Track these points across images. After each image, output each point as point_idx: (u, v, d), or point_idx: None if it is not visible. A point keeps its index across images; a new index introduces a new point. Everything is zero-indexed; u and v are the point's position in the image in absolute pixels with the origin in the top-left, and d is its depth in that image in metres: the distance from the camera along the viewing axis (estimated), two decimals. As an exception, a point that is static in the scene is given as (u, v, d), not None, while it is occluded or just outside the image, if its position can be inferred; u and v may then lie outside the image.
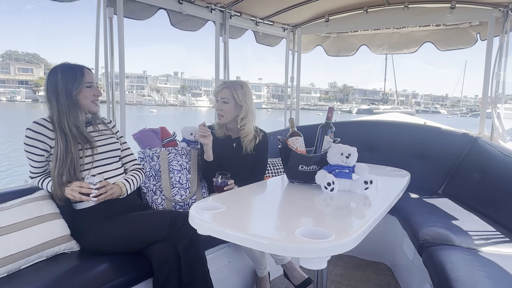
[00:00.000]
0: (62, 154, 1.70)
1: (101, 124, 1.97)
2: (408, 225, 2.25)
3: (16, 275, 1.53)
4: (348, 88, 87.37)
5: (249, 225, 1.32)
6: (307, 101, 75.81)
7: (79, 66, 1.82)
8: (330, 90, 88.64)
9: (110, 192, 1.75)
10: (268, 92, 76.90)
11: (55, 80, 1.74)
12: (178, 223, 1.68)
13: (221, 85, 2.29)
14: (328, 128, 1.84)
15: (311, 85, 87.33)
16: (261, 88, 75.76)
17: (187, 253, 1.67)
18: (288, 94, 4.13)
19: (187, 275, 1.67)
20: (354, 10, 3.42)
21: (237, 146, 2.34)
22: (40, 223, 1.67)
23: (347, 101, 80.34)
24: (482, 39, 3.13)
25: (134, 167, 2.05)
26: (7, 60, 64.17)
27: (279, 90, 75.13)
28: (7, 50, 67.81)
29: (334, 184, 1.60)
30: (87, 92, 1.80)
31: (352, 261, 2.83)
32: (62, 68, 1.78)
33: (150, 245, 1.69)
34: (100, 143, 1.87)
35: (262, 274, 2.30)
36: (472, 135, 2.99)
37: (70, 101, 1.75)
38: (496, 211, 2.25)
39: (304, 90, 77.28)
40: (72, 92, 1.75)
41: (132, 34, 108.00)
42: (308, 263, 1.09)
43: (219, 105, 2.26)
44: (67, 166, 1.70)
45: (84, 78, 1.78)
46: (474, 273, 1.55)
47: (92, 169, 1.80)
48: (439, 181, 2.99)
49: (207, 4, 2.92)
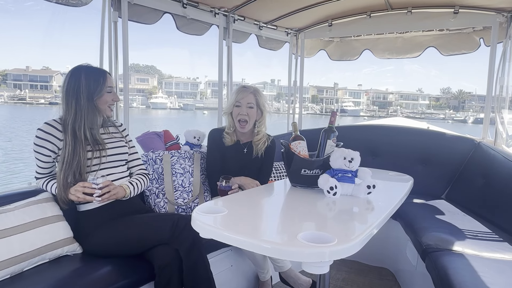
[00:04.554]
0: (69, 157, 1.71)
1: (112, 127, 1.98)
2: (411, 230, 2.24)
3: (18, 277, 1.54)
4: (464, 94, 76.40)
5: (251, 229, 1.32)
6: (413, 108, 69.44)
7: (103, 71, 1.86)
8: (442, 96, 79.60)
9: (113, 192, 1.75)
10: (368, 99, 73.02)
11: (78, 82, 1.74)
12: (180, 226, 1.68)
13: (245, 90, 2.23)
14: (331, 132, 1.84)
15: (418, 91, 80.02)
16: (360, 94, 72.77)
17: (189, 256, 1.67)
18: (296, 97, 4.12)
19: (189, 279, 1.66)
20: (357, 14, 3.43)
21: (248, 151, 2.33)
22: (43, 225, 1.67)
23: (462, 109, 70.72)
24: (487, 45, 3.12)
25: (139, 172, 2.05)
26: (130, 71, 71.41)
27: (380, 96, 72.12)
28: (131, 63, 76.66)
29: (337, 188, 1.60)
30: (107, 97, 1.82)
31: (355, 266, 2.81)
32: (86, 70, 1.79)
33: (152, 248, 1.69)
34: (109, 146, 1.87)
35: (264, 278, 2.29)
36: (476, 140, 2.98)
37: (90, 105, 1.75)
38: (500, 217, 2.24)
39: (410, 97, 73.19)
40: (94, 96, 1.76)
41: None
42: (310, 268, 1.09)
43: (244, 110, 2.20)
44: (73, 169, 1.71)
45: (106, 83, 1.80)
46: (477, 279, 1.54)
47: (98, 171, 1.80)
48: (443, 186, 2.97)
49: (211, 8, 2.94)
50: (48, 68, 69.98)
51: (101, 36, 2.27)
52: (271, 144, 2.35)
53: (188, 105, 58.57)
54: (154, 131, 2.54)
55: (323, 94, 73.45)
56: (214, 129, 2.41)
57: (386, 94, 74.63)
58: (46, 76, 61.95)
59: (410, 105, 70.96)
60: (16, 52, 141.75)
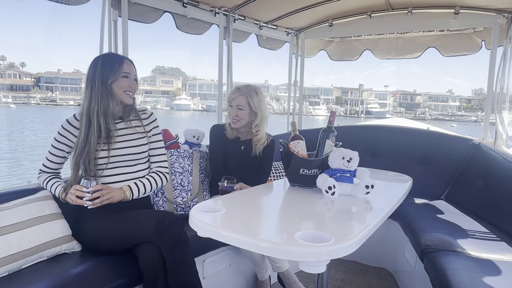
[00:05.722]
0: (82, 143, 1.71)
1: (136, 121, 1.90)
2: (410, 230, 2.24)
3: (17, 275, 1.54)
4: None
5: (249, 228, 1.32)
6: (443, 110, 66.86)
7: (120, 57, 1.87)
8: (474, 98, 75.76)
9: (107, 197, 1.70)
10: (395, 101, 70.86)
11: (95, 68, 1.75)
12: (164, 224, 1.62)
13: (236, 91, 2.25)
14: (330, 132, 1.83)
15: (448, 92, 77.18)
16: (386, 96, 70.70)
17: (171, 256, 1.61)
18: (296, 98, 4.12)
19: (172, 278, 1.62)
20: (358, 14, 3.43)
21: (245, 148, 2.35)
22: (41, 223, 1.67)
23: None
24: (488, 48, 3.12)
25: (157, 169, 1.96)
26: (155, 74, 79.51)
27: (407, 98, 69.48)
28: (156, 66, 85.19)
29: (335, 188, 1.60)
30: (122, 82, 1.78)
31: (353, 266, 2.81)
32: (104, 57, 1.81)
33: (138, 245, 1.66)
34: (121, 144, 1.81)
35: (262, 278, 2.29)
36: (476, 141, 2.98)
37: (105, 89, 1.74)
38: (499, 218, 2.24)
39: (439, 98, 70.20)
40: (108, 80, 1.74)
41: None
42: (307, 267, 1.09)
43: (234, 111, 2.23)
44: (83, 157, 1.70)
45: (122, 68, 1.78)
46: (476, 280, 1.54)
47: (107, 169, 1.78)
48: (442, 187, 2.97)
49: (211, 8, 2.94)
50: (79, 71, 72.46)
51: (101, 35, 2.26)
52: (270, 143, 2.36)
53: (211, 107, 58.64)
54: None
55: (348, 95, 71.73)
56: (215, 124, 2.43)
57: (414, 95, 72.22)
58: (76, 79, 63.83)
59: (439, 107, 68.17)
60: (49, 55, 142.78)
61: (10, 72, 67.49)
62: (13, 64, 76.48)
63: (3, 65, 76.22)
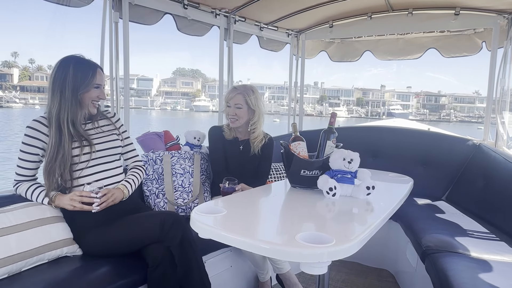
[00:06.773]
0: (54, 149, 1.66)
1: (103, 120, 1.92)
2: (411, 231, 2.23)
3: (16, 277, 1.53)
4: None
5: (250, 229, 1.32)
6: (469, 112, 64.94)
7: (94, 65, 1.78)
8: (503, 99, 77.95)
9: (112, 199, 1.73)
10: (418, 102, 69.22)
11: (66, 73, 1.68)
12: (168, 223, 1.66)
13: (233, 91, 2.30)
14: (331, 133, 1.84)
15: (475, 93, 73.70)
16: (409, 97, 68.98)
17: (180, 251, 1.66)
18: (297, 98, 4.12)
19: (182, 272, 1.67)
20: (358, 16, 3.43)
21: (244, 148, 2.36)
22: (41, 225, 1.66)
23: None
24: (488, 49, 3.12)
25: (134, 164, 2.02)
26: (176, 75, 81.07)
27: (432, 99, 67.63)
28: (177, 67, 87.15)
29: (336, 189, 1.60)
30: (93, 93, 1.76)
31: (354, 267, 2.81)
32: (76, 61, 1.73)
33: (146, 246, 1.68)
34: (98, 141, 1.81)
35: (263, 279, 2.29)
36: (476, 142, 2.98)
37: (74, 97, 1.70)
38: (500, 218, 2.23)
39: (465, 100, 68.56)
40: (79, 90, 1.71)
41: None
42: (308, 268, 1.09)
43: (232, 111, 2.27)
44: (58, 162, 1.65)
45: (94, 79, 1.75)
46: (477, 281, 1.53)
47: (86, 168, 1.76)
48: (443, 188, 2.97)
49: (212, 9, 2.94)
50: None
51: (102, 37, 2.27)
52: (268, 142, 2.38)
53: (231, 108, 59.41)
54: (154, 131, 2.54)
55: (369, 96, 70.27)
56: (213, 126, 2.44)
57: (439, 96, 70.38)
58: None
59: (465, 109, 66.51)
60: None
61: (37, 75, 68.02)
62: (41, 67, 77.21)
63: (32, 68, 77.07)
